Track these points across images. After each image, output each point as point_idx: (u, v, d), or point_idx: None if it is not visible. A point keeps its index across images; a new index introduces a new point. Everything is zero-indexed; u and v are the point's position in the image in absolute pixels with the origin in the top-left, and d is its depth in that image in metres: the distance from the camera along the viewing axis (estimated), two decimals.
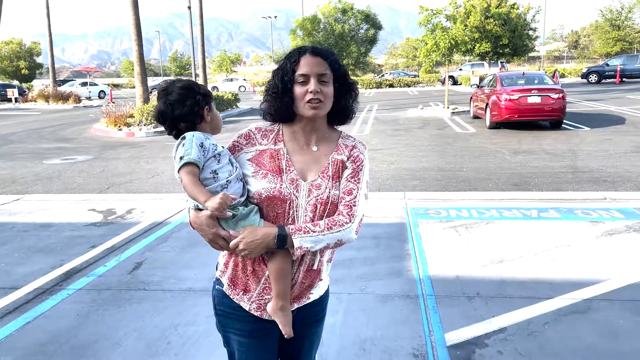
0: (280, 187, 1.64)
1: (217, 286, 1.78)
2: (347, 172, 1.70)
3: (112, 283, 4.26)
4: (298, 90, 1.63)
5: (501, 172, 8.50)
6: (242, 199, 1.63)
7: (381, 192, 7.31)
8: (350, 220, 1.65)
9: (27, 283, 4.30)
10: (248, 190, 1.66)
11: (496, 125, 13.92)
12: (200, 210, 1.59)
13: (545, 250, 4.70)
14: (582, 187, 7.37)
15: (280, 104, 1.67)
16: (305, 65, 1.62)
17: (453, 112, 18.45)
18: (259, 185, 1.64)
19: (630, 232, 5.15)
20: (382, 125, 15.82)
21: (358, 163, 1.72)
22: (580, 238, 5.00)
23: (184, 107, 1.64)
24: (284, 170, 1.66)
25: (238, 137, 1.74)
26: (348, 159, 1.72)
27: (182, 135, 1.64)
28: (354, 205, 1.67)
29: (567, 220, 5.59)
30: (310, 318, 1.82)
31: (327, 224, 1.62)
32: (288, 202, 1.64)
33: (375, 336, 3.28)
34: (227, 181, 1.61)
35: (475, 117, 16.39)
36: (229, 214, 1.58)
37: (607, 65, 34.13)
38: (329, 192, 1.66)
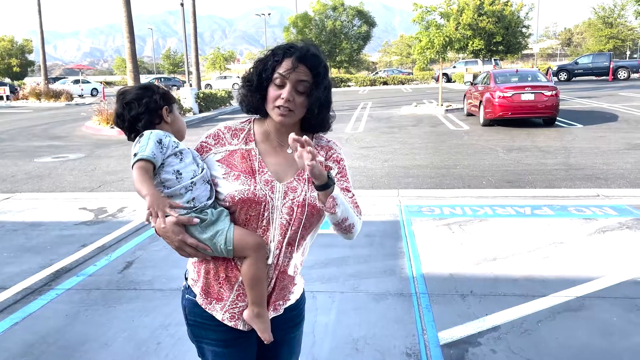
0: (255, 189, 1.56)
1: (187, 295, 1.70)
2: (333, 172, 1.64)
3: (102, 283, 4.21)
4: (272, 91, 1.55)
5: (495, 170, 8.50)
6: (210, 202, 1.55)
7: (375, 189, 7.28)
8: (360, 216, 1.66)
9: (15, 283, 4.23)
10: (218, 193, 1.58)
11: (490, 123, 13.93)
12: (166, 216, 1.49)
13: (539, 247, 4.69)
14: (575, 184, 7.38)
15: (251, 98, 1.61)
16: (285, 67, 1.53)
17: (447, 110, 18.46)
18: (231, 188, 1.56)
19: (623, 229, 5.15)
20: (376, 123, 15.80)
21: (342, 163, 1.69)
22: (573, 235, 5.00)
23: (140, 105, 1.59)
24: (257, 171, 1.59)
25: (206, 138, 1.64)
26: (327, 160, 1.67)
27: (141, 133, 1.57)
28: (357, 203, 1.67)
29: (561, 217, 5.59)
30: (287, 323, 1.75)
31: (353, 204, 1.63)
32: (263, 204, 1.56)
33: (368, 335, 3.26)
34: (191, 182, 1.51)
35: (469, 114, 16.40)
36: (196, 220, 1.50)
37: (577, 63, 34.71)
38: (305, 195, 1.59)
